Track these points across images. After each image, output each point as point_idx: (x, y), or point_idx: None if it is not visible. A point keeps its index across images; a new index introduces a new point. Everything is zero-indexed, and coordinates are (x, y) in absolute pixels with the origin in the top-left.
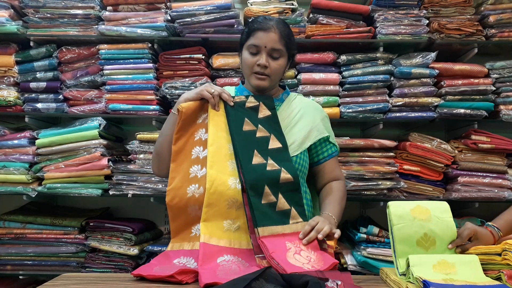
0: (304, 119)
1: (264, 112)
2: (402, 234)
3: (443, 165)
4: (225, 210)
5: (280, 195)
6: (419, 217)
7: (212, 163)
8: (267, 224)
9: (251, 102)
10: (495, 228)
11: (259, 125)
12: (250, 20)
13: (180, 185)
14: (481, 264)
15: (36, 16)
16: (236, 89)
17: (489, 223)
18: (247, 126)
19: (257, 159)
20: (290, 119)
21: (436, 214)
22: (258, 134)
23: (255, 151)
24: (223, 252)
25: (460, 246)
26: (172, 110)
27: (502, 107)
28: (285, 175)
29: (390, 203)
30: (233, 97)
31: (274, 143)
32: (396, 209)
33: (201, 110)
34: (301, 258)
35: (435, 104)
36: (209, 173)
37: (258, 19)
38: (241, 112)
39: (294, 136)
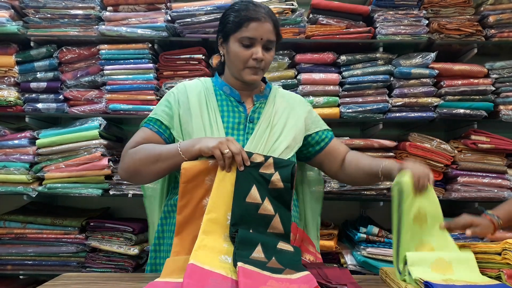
0: (293, 115)
1: (276, 183)
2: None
3: (442, 165)
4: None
5: (273, 259)
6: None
7: (203, 236)
8: (251, 264)
9: (268, 167)
10: (495, 217)
11: (266, 199)
12: (233, 6)
13: (183, 265)
14: (481, 263)
15: (37, 16)
16: (213, 82)
17: (489, 211)
18: (252, 197)
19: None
20: (279, 116)
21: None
22: (261, 211)
23: (251, 230)
24: (218, 276)
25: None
26: (179, 149)
27: (501, 107)
28: (273, 265)
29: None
30: (250, 155)
31: (275, 226)
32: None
33: (211, 170)
34: None
35: (435, 104)
36: (194, 254)
37: (248, 6)
38: (252, 177)
39: (286, 138)
